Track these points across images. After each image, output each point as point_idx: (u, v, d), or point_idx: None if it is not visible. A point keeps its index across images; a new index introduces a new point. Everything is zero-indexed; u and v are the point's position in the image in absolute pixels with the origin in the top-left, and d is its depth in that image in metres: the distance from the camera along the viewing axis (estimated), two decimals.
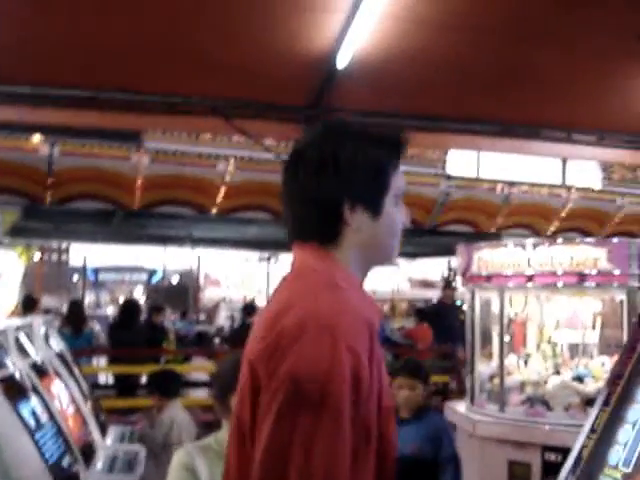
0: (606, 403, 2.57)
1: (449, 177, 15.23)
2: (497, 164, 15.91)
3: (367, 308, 1.60)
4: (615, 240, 6.91)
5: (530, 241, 6.99)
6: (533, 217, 16.44)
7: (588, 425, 2.57)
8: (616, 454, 2.44)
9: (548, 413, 6.35)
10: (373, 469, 1.48)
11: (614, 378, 2.62)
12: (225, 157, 13.16)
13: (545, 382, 6.65)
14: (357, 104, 7.83)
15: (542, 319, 7.41)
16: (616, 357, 3.05)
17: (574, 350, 7.09)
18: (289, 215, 1.67)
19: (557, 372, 6.84)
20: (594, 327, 7.02)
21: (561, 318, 7.34)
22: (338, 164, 1.63)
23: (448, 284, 15.46)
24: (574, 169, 17.03)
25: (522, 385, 6.79)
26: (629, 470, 2.36)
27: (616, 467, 2.42)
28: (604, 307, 7.10)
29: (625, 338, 6.08)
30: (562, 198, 16.58)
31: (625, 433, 2.45)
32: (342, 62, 7.00)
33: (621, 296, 6.56)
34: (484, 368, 7.13)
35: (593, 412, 2.59)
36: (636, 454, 2.37)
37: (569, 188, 16.69)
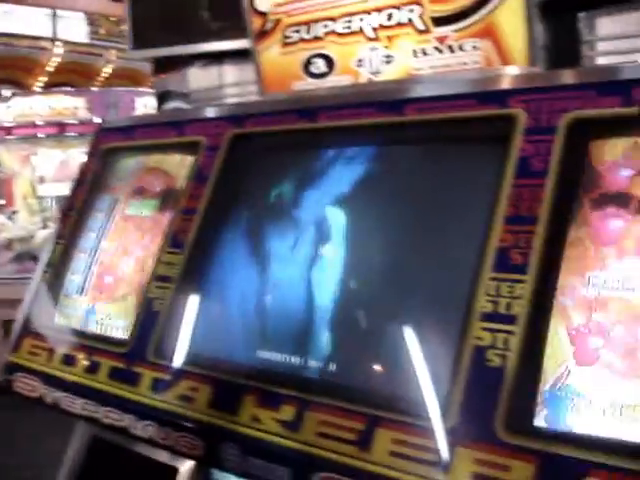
0: (60, 237, 2.54)
1: None
2: None
3: None
4: (94, 89, 6.88)
5: (5, 92, 6.51)
6: (16, 71, 15.49)
7: (43, 261, 2.54)
8: (73, 283, 2.46)
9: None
10: None
11: (66, 211, 2.59)
12: None
13: (33, 237, 6.50)
14: None
15: (29, 173, 7.13)
16: None
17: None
18: None
19: (45, 226, 6.74)
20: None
21: (47, 171, 7.16)
22: None
23: None
24: (61, 22, 16.36)
25: (10, 243, 6.53)
26: (84, 296, 2.40)
27: (72, 295, 2.44)
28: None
29: None
30: (48, 51, 15.90)
31: (80, 262, 2.47)
32: None
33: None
34: None
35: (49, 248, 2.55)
36: (89, 281, 2.42)
37: (54, 41, 16.04)
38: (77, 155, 7.04)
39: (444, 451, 1.41)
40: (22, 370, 2.39)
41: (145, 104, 7.31)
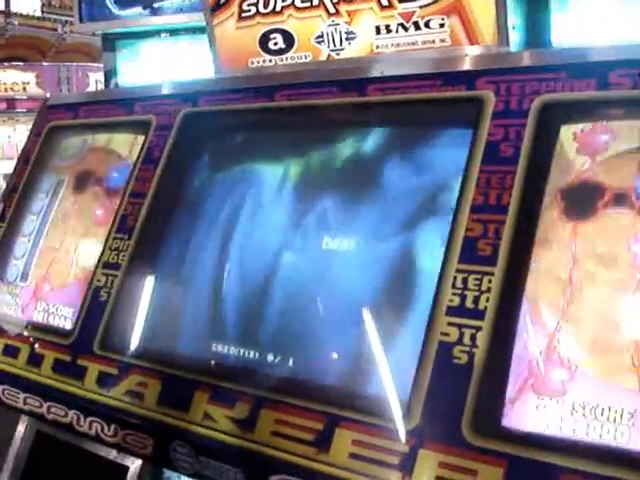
0: (2, 219, 2.39)
1: None
2: None
3: None
4: (45, 64, 6.65)
5: None
6: None
7: None
8: (14, 269, 2.32)
9: None
10: None
11: (9, 192, 2.44)
12: None
13: None
14: None
15: None
16: None
17: None
18: None
19: None
20: None
21: None
22: None
23: None
24: None
25: None
26: (26, 284, 2.27)
27: (14, 282, 2.30)
28: None
29: None
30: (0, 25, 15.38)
31: (21, 246, 2.33)
32: None
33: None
34: None
35: None
36: (32, 267, 2.28)
37: (7, 14, 15.51)
38: (26, 132, 6.78)
39: (407, 453, 1.33)
40: None
41: (99, 80, 7.08)
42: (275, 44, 2.05)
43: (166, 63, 2.58)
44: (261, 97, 1.95)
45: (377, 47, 1.89)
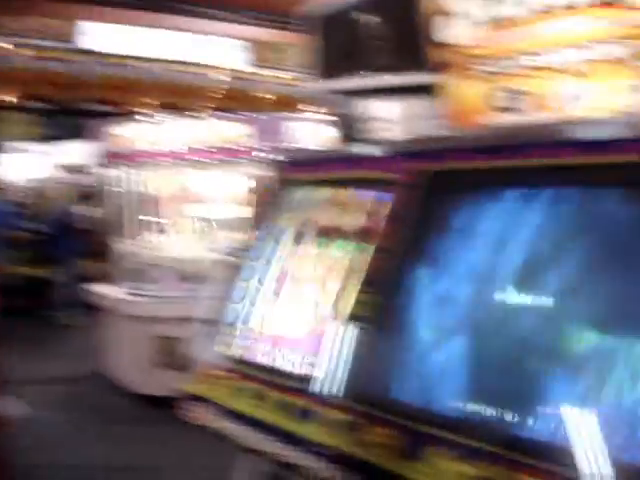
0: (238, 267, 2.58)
1: (85, 52, 13.91)
2: (140, 39, 15.07)
3: None
4: (262, 116, 7.10)
5: (174, 117, 6.81)
6: (181, 97, 16.17)
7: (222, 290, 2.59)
8: (251, 314, 2.48)
9: (200, 287, 6.37)
10: None
11: (250, 240, 2.63)
12: None
13: (197, 258, 6.65)
14: None
15: (193, 195, 7.35)
16: None
17: (226, 226, 7.11)
18: None
19: (210, 248, 6.86)
20: (247, 203, 7.08)
21: (212, 195, 7.35)
22: None
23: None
24: (220, 48, 16.98)
25: (172, 262, 6.72)
26: (263, 329, 2.42)
27: (233, 325, 2.49)
28: (257, 183, 7.16)
29: None
30: (210, 78, 16.53)
31: (255, 292, 2.49)
32: None
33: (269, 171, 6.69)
34: (129, 248, 6.90)
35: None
36: (271, 312, 2.42)
37: (217, 68, 16.65)
38: (242, 180, 7.11)
39: None
40: (196, 398, 2.44)
41: (298, 129, 7.16)
42: (506, 102, 2.07)
43: (394, 120, 2.67)
44: (507, 155, 1.93)
45: (622, 107, 1.84)
